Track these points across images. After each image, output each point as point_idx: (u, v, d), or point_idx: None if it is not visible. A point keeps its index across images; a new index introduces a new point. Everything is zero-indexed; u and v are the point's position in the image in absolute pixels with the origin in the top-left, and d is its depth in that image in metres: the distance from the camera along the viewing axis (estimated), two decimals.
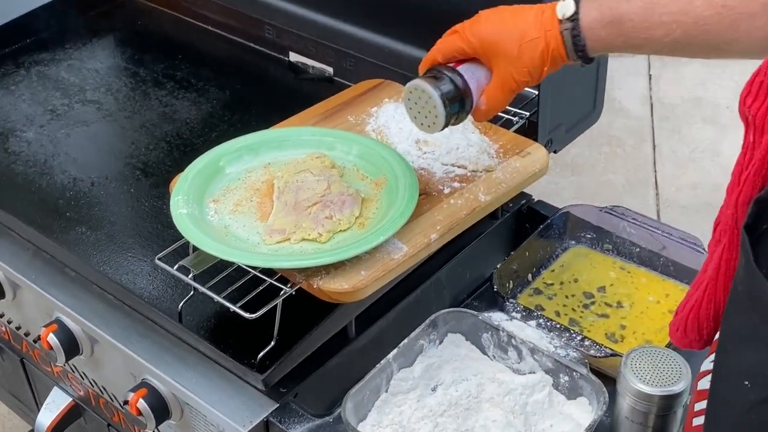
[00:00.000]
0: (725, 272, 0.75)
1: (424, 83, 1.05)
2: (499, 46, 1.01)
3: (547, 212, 1.37)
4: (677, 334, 0.84)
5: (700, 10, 0.92)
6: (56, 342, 1.24)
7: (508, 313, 1.21)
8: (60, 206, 1.35)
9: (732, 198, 0.73)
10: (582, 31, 0.97)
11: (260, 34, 1.72)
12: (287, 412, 1.10)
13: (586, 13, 0.97)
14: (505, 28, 1.01)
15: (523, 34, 1.00)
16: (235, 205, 1.15)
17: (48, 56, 1.72)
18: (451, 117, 1.05)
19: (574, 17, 0.97)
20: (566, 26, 0.98)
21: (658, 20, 0.94)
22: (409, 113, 1.09)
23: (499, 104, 1.06)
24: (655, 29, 0.94)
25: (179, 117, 1.55)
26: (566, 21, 0.98)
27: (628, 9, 0.95)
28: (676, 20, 0.93)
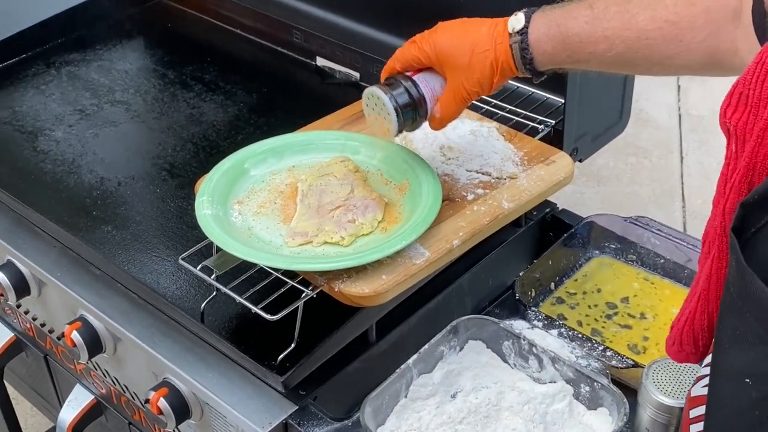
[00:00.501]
0: (716, 281, 0.76)
1: (379, 90, 1.10)
2: (452, 57, 1.05)
3: (571, 221, 1.36)
4: (673, 348, 0.84)
5: (643, 25, 0.95)
6: (80, 339, 1.25)
7: (530, 322, 1.21)
8: (87, 205, 1.36)
9: (719, 208, 0.74)
10: (530, 45, 1.01)
11: (288, 38, 1.73)
12: (306, 415, 1.10)
13: (535, 27, 1.01)
14: (459, 40, 1.05)
15: (475, 45, 1.04)
16: (259, 206, 1.15)
17: (78, 57, 1.74)
18: (405, 124, 1.10)
19: (523, 31, 1.01)
20: (515, 39, 1.02)
21: (602, 35, 0.98)
22: (367, 119, 1.14)
23: (452, 113, 1.10)
24: (598, 43, 0.98)
25: (206, 119, 1.56)
26: (516, 34, 1.02)
27: (574, 24, 0.99)
28: (618, 35, 0.97)
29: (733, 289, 0.68)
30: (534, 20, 1.02)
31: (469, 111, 1.36)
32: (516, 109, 1.39)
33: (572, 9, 1.01)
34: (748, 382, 0.66)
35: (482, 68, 1.04)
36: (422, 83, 1.09)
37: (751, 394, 0.66)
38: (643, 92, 3.26)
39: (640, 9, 0.96)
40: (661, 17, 0.95)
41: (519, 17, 1.02)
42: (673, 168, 3.04)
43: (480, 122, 1.33)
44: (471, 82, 1.05)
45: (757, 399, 0.65)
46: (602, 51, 0.98)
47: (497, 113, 1.39)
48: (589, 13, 0.99)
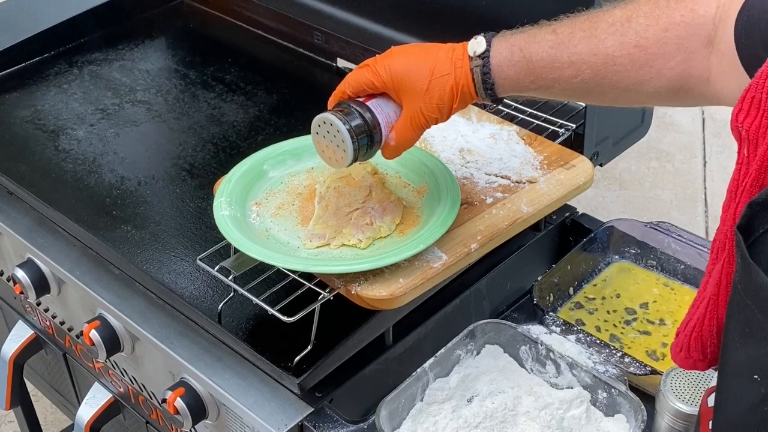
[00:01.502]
0: (726, 286, 0.74)
1: (332, 116, 1.03)
2: (408, 82, 1.01)
3: (591, 226, 1.35)
4: (680, 355, 0.82)
5: (612, 50, 0.93)
6: (98, 338, 1.26)
7: (548, 327, 1.20)
8: (107, 204, 1.37)
9: (729, 213, 0.73)
10: (491, 69, 0.98)
11: (309, 39, 1.73)
12: (322, 417, 1.10)
13: (496, 51, 0.98)
14: (416, 64, 1.01)
15: (434, 70, 1.00)
16: (277, 208, 1.15)
17: (101, 56, 1.75)
18: (360, 151, 1.03)
19: (484, 55, 0.98)
20: (476, 63, 0.99)
21: (567, 60, 0.95)
22: (316, 147, 1.07)
23: (408, 140, 1.05)
24: (564, 69, 0.95)
25: (227, 120, 1.56)
26: (477, 58, 0.99)
27: (538, 49, 0.96)
28: (585, 60, 0.94)
29: (740, 286, 0.67)
30: (495, 44, 0.99)
31: (490, 114, 1.35)
32: (536, 112, 1.39)
33: (535, 34, 0.98)
34: (757, 379, 0.66)
35: (441, 93, 1.00)
36: (376, 109, 1.03)
37: (760, 390, 0.65)
38: None
39: (608, 34, 0.93)
40: (631, 42, 0.92)
41: (479, 41, 0.99)
42: (696, 172, 3.02)
43: (500, 126, 1.32)
44: (429, 107, 1.01)
45: (766, 395, 0.65)
46: (568, 77, 0.96)
47: (518, 117, 1.38)
48: (552, 38, 0.96)
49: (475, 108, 1.36)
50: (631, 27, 0.92)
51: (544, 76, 0.97)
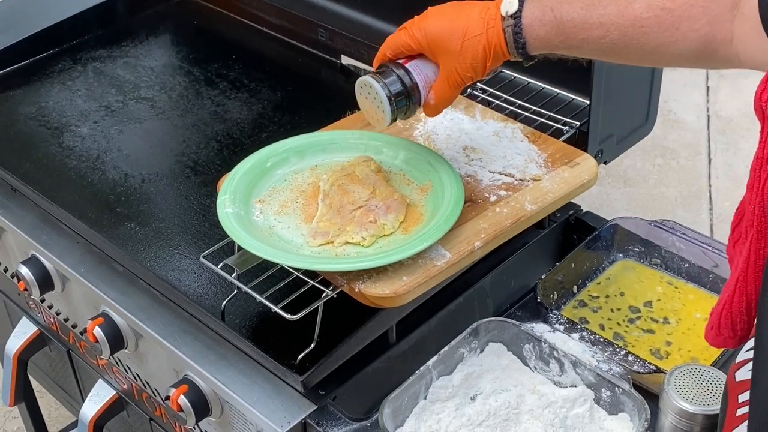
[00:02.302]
0: (755, 263, 0.75)
1: (371, 79, 1.09)
2: (443, 43, 1.04)
3: (595, 224, 1.35)
4: (711, 333, 0.83)
5: (639, 12, 0.95)
6: (101, 335, 1.26)
7: (551, 325, 1.20)
8: (110, 201, 1.37)
9: (754, 191, 0.73)
10: (523, 29, 1.00)
11: (313, 36, 1.73)
12: (325, 415, 1.10)
13: (528, 11, 1.00)
14: (450, 25, 1.04)
15: (466, 30, 1.03)
16: (281, 206, 1.15)
17: (105, 53, 1.75)
18: (398, 112, 1.09)
19: (516, 14, 1.00)
20: (508, 23, 1.01)
21: (597, 21, 0.97)
22: (361, 108, 1.13)
23: (446, 99, 1.09)
24: (593, 30, 0.97)
25: (230, 117, 1.56)
26: (509, 18, 1.01)
27: (569, 9, 0.98)
28: (613, 21, 0.96)
29: None
30: (527, 4, 1.01)
31: (494, 112, 1.35)
32: (541, 110, 1.38)
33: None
34: None
35: (474, 53, 1.03)
36: (415, 70, 1.08)
37: None
38: (671, 93, 3.24)
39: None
40: (658, 4, 0.94)
41: (512, 1, 1.01)
42: (701, 170, 3.01)
43: (504, 123, 1.32)
44: (464, 66, 1.04)
45: None
46: (597, 37, 0.98)
47: (522, 114, 1.38)
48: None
49: (479, 106, 1.36)
50: None
51: (573, 35, 0.99)
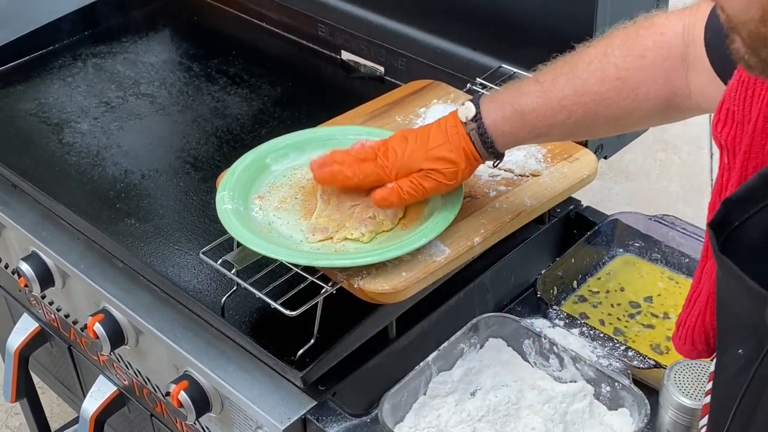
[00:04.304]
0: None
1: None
2: (413, 168, 1.04)
3: (595, 219, 1.35)
4: (686, 347, 0.85)
5: (596, 87, 0.97)
6: (102, 331, 1.26)
7: (551, 320, 1.20)
8: (110, 197, 1.37)
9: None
10: (487, 128, 1.01)
11: (313, 32, 1.73)
12: (325, 411, 1.10)
13: (487, 111, 1.01)
14: (414, 148, 1.04)
15: (430, 145, 1.04)
16: (280, 202, 1.15)
17: (105, 49, 1.75)
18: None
19: (476, 117, 1.01)
20: (471, 127, 1.02)
21: (558, 105, 0.98)
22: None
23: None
24: (556, 115, 0.99)
25: (230, 112, 1.56)
26: (470, 122, 1.02)
27: (527, 101, 1.00)
28: (574, 102, 0.98)
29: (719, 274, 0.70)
30: (484, 105, 1.02)
31: None
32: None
33: (520, 87, 1.02)
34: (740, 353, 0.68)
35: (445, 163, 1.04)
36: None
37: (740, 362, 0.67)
38: None
39: (589, 73, 0.97)
40: (612, 76, 0.96)
41: (468, 106, 1.02)
42: (703, 164, 3.01)
43: None
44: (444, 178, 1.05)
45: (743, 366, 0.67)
46: (562, 120, 0.99)
47: None
48: (538, 87, 1.00)
49: None
50: (609, 61, 0.96)
51: (539, 125, 1.00)
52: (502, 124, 1.01)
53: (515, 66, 1.45)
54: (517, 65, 1.44)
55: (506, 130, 1.02)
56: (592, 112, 0.98)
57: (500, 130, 1.02)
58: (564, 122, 0.99)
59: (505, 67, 1.44)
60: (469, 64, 1.48)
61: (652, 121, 1.02)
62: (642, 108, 0.97)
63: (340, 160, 1.09)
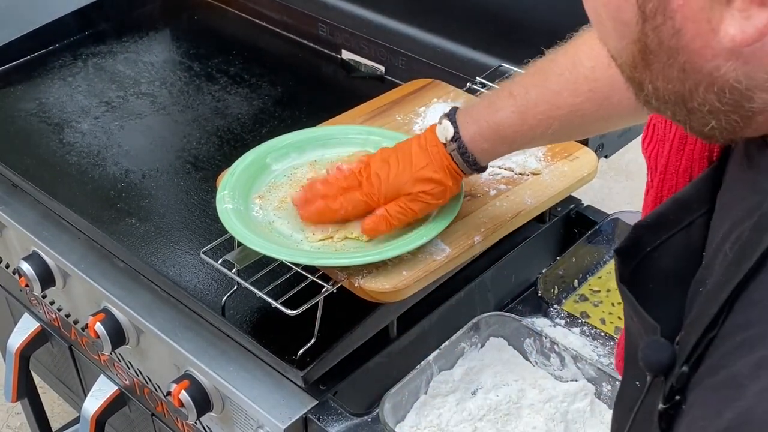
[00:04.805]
0: None
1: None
2: (400, 192, 1.04)
3: (595, 218, 1.35)
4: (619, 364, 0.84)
5: (570, 100, 0.96)
6: (103, 331, 1.26)
7: (552, 319, 1.20)
8: (111, 197, 1.37)
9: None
10: (468, 148, 1.01)
11: (313, 31, 1.73)
12: (326, 410, 1.10)
13: (465, 130, 1.01)
14: (398, 173, 1.04)
15: (414, 167, 1.03)
16: (280, 201, 1.15)
17: (105, 49, 1.75)
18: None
19: (455, 137, 1.01)
20: (452, 147, 1.02)
21: (534, 120, 0.98)
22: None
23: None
24: (534, 129, 0.98)
25: (231, 112, 1.56)
26: (450, 142, 1.01)
27: (503, 116, 0.99)
28: (549, 116, 0.97)
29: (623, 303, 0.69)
30: (461, 123, 1.01)
31: None
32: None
33: (494, 102, 1.01)
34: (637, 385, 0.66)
35: (431, 183, 1.03)
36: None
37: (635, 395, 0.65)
38: None
39: (560, 86, 0.97)
40: (584, 88, 0.95)
41: (446, 125, 1.02)
42: None
43: None
44: (428, 199, 1.04)
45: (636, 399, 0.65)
46: (541, 133, 0.99)
47: None
48: (512, 102, 0.99)
49: None
50: (579, 72, 0.96)
51: (518, 139, 1.00)
52: (481, 141, 1.01)
53: (515, 65, 1.45)
54: (517, 64, 1.44)
55: (486, 147, 1.01)
56: (568, 122, 0.98)
57: (480, 147, 1.01)
58: (543, 134, 0.99)
59: (505, 66, 1.44)
60: (469, 63, 1.48)
61: (632, 121, 1.02)
62: (618, 113, 0.97)
63: (324, 193, 1.08)
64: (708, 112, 0.55)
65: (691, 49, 0.53)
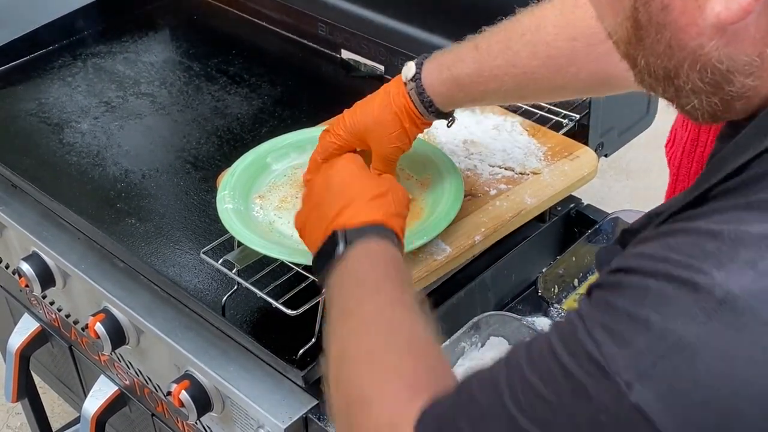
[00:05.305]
0: None
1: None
2: (363, 126, 1.06)
3: (595, 217, 1.35)
4: None
5: (526, 61, 0.98)
6: (103, 331, 1.26)
7: (553, 319, 1.20)
8: (111, 197, 1.37)
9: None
10: (425, 89, 1.03)
11: (313, 31, 1.73)
12: (327, 410, 1.10)
13: (426, 72, 1.04)
14: (364, 108, 1.06)
15: (376, 105, 1.06)
16: (281, 201, 1.15)
17: (105, 49, 1.75)
18: None
19: (416, 77, 1.04)
20: (411, 86, 1.04)
21: (489, 74, 1.00)
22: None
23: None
24: (488, 83, 1.01)
25: (230, 112, 1.56)
26: (410, 82, 1.04)
27: (462, 66, 1.02)
28: (505, 72, 0.99)
29: None
30: (425, 67, 1.04)
31: (493, 105, 1.35)
32: (540, 103, 1.38)
33: (460, 51, 1.03)
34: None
35: (392, 124, 1.05)
36: None
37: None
38: None
39: (521, 45, 0.98)
40: (543, 53, 0.97)
41: (410, 66, 1.05)
42: None
43: (503, 117, 1.32)
44: (390, 139, 1.05)
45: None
46: (494, 89, 1.01)
47: (521, 107, 1.38)
48: (474, 54, 1.01)
49: None
50: (541, 37, 0.97)
51: (472, 89, 1.02)
52: (438, 85, 1.03)
53: None
54: None
55: (443, 91, 1.03)
56: (522, 84, 1.00)
57: (437, 90, 1.03)
58: (496, 90, 1.01)
59: None
60: None
61: (585, 94, 1.06)
62: (573, 85, 0.99)
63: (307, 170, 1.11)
64: (691, 90, 0.57)
65: (678, 25, 0.55)
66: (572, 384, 0.54)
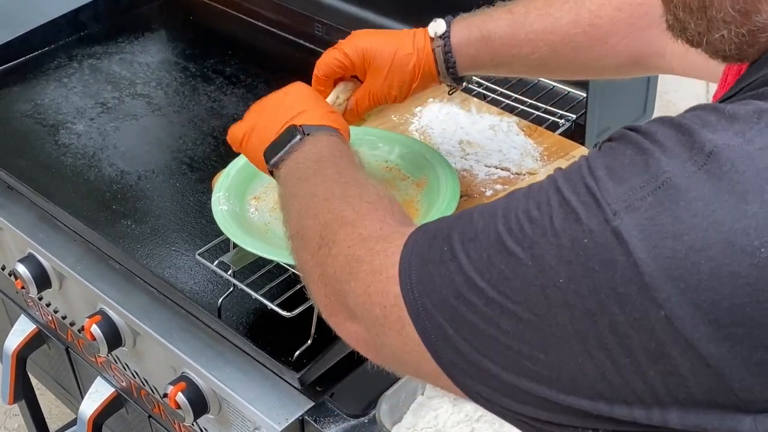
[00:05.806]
0: None
1: None
2: (374, 59, 1.03)
3: None
4: None
5: (567, 28, 0.97)
6: (99, 333, 1.26)
7: None
8: (107, 199, 1.36)
9: None
10: (452, 49, 1.01)
11: (310, 31, 1.73)
12: (323, 412, 1.10)
13: (456, 31, 1.01)
14: (382, 43, 1.04)
15: (397, 50, 1.03)
16: (276, 203, 1.15)
17: (100, 49, 1.74)
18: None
19: (445, 35, 1.01)
20: (438, 44, 1.02)
21: (525, 38, 0.99)
22: None
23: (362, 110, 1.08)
24: (522, 46, 0.99)
25: (227, 113, 1.56)
26: (438, 39, 1.02)
27: (495, 27, 0.99)
28: (542, 38, 0.98)
29: None
30: (454, 25, 1.02)
31: (489, 106, 1.35)
32: (537, 103, 1.38)
33: (491, 13, 1.02)
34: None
35: (402, 73, 1.03)
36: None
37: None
38: (670, 83, 3.23)
39: (563, 12, 0.97)
40: (585, 21, 0.96)
41: (439, 23, 1.02)
42: None
43: (500, 117, 1.32)
44: (390, 85, 1.03)
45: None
46: (526, 53, 0.99)
47: (517, 108, 1.38)
48: (509, 17, 1.00)
49: (475, 99, 1.36)
50: (584, 5, 0.96)
51: (502, 53, 1.00)
52: (467, 46, 1.01)
53: None
54: None
55: (471, 52, 1.01)
56: (557, 51, 0.98)
57: (465, 51, 1.01)
58: (528, 56, 0.99)
59: None
60: None
61: (617, 73, 1.03)
62: (609, 58, 0.97)
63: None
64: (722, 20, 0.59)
65: None
66: (565, 209, 0.57)
